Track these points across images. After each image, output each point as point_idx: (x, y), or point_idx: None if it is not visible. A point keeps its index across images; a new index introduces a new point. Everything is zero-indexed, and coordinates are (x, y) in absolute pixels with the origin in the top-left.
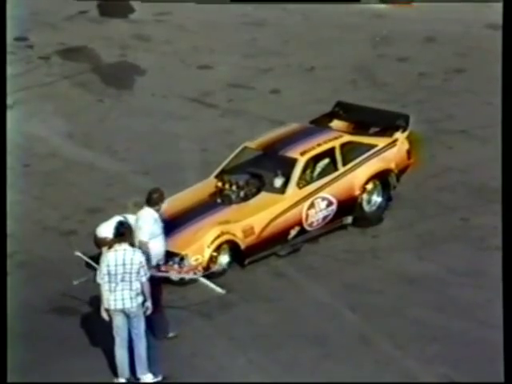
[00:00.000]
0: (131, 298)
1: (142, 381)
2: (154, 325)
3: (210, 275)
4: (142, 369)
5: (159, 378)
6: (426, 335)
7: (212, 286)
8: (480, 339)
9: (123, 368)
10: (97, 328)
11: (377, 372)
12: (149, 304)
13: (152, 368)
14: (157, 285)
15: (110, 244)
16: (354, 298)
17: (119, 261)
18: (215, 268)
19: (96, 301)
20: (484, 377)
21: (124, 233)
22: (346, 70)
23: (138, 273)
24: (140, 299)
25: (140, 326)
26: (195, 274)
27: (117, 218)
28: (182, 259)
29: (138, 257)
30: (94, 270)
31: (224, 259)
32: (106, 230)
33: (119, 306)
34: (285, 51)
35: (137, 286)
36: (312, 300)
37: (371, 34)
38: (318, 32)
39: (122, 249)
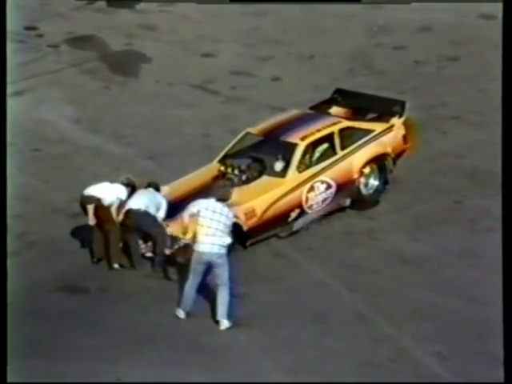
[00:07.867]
0: (220, 246)
1: (220, 325)
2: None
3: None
4: (222, 312)
5: (231, 324)
6: (421, 313)
7: None
8: (472, 317)
9: (187, 302)
10: (104, 306)
11: (373, 348)
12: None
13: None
14: None
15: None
16: (351, 277)
17: (217, 209)
18: None
19: (103, 279)
20: (475, 354)
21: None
22: (344, 58)
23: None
24: (224, 250)
25: (224, 276)
26: None
27: (106, 184)
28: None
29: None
30: None
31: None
32: (94, 190)
33: (208, 249)
34: (285, 40)
35: (227, 238)
36: (311, 279)
37: (368, 23)
38: (317, 21)
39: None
